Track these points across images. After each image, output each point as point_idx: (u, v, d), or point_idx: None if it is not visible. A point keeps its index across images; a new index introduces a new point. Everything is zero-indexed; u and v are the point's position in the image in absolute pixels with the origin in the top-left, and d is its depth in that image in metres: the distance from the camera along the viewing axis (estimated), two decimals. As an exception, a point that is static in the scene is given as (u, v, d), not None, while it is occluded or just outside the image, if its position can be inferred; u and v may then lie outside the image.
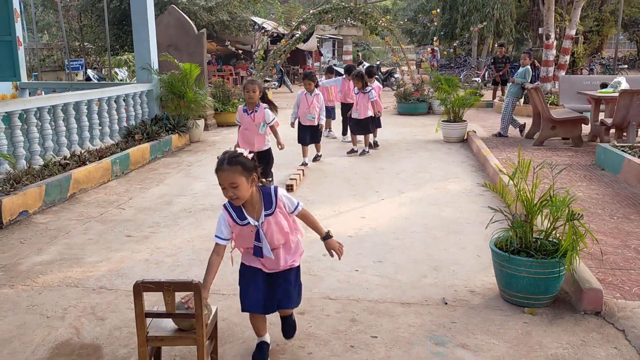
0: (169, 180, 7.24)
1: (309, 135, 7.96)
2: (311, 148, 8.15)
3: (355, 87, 8.76)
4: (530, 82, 10.05)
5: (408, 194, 6.33)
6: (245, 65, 24.45)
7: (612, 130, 8.61)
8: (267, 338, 3.05)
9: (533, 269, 3.40)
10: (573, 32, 14.69)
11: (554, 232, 3.61)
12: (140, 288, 2.41)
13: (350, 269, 4.18)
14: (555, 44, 14.25)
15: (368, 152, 8.79)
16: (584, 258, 4.02)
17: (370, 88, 8.64)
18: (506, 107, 9.95)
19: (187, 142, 9.88)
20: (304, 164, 7.79)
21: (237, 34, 24.43)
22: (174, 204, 6.08)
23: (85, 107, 7.80)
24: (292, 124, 8.14)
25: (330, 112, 10.05)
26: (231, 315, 3.45)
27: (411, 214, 5.58)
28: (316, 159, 8.25)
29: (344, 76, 10.08)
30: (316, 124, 7.94)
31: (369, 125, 8.76)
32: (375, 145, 9.31)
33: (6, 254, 4.58)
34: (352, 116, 8.72)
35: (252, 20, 24.56)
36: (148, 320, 2.55)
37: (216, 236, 2.77)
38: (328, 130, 10.46)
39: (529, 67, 9.87)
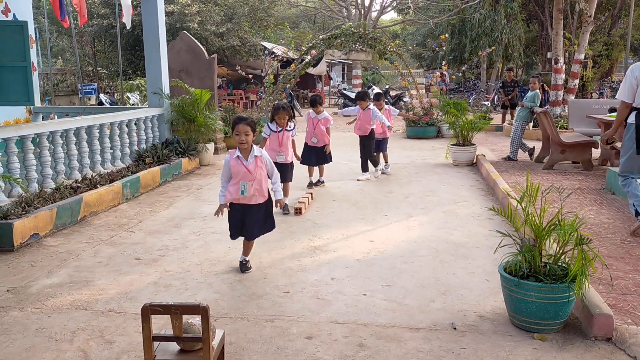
0: (179, 203, 7.28)
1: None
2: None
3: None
4: (540, 106, 10.06)
5: (417, 218, 6.32)
6: (255, 90, 24.69)
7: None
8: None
9: (542, 293, 3.38)
10: (582, 57, 14.74)
11: (563, 256, 3.59)
12: (148, 311, 2.43)
13: (358, 293, 4.17)
14: (564, 68, 14.30)
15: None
16: (594, 283, 3.99)
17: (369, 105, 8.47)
18: (515, 130, 9.96)
19: (197, 166, 9.96)
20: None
21: (248, 58, 24.76)
22: (183, 227, 6.11)
23: (98, 131, 7.91)
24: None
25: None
26: (238, 339, 3.44)
27: (420, 237, 5.57)
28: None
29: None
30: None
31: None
32: (384, 169, 9.25)
33: (17, 277, 4.61)
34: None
35: (263, 45, 24.90)
36: (155, 343, 2.55)
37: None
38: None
39: (538, 91, 9.90)
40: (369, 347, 3.35)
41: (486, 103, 21.08)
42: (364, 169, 8.78)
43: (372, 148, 8.69)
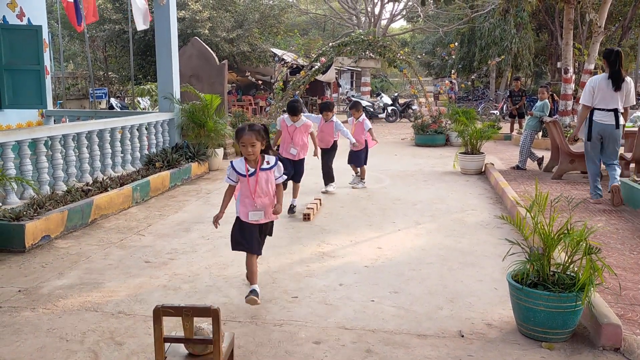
0: (188, 207, 7.33)
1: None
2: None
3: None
4: (549, 116, 10.06)
5: (425, 225, 6.34)
6: (264, 96, 24.82)
7: (632, 165, 8.54)
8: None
9: (551, 302, 3.38)
10: (592, 67, 14.71)
11: (571, 265, 3.59)
12: (160, 312, 2.46)
13: (366, 299, 4.18)
14: (573, 77, 14.28)
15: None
16: (603, 293, 3.99)
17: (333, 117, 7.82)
18: (524, 140, 9.95)
19: (206, 170, 10.02)
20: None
21: (257, 65, 24.89)
22: (192, 231, 6.15)
23: (109, 134, 7.99)
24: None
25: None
26: (247, 343, 3.46)
27: (427, 245, 5.58)
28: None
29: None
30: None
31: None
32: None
33: (28, 278, 4.66)
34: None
35: (272, 52, 25.03)
36: (166, 345, 2.58)
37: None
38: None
39: (547, 100, 9.91)
40: (376, 353, 3.36)
41: (495, 112, 21.06)
42: (327, 180, 8.07)
43: (331, 160, 7.96)
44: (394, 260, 5.09)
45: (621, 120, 7.06)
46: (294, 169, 6.93)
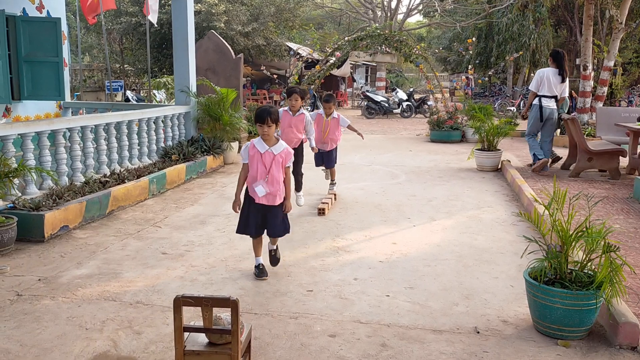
0: (204, 200, 7.38)
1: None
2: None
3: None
4: (567, 113, 9.97)
5: (440, 222, 6.32)
6: (279, 90, 24.84)
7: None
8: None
9: (568, 300, 3.37)
10: (611, 64, 14.54)
11: (589, 263, 3.57)
12: (180, 302, 2.49)
13: (381, 293, 4.20)
14: (592, 75, 14.12)
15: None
16: (620, 291, 3.95)
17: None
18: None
19: (222, 164, 10.07)
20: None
21: (272, 58, 24.90)
22: (208, 223, 6.19)
23: (126, 127, 8.06)
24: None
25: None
26: (263, 334, 3.49)
27: (443, 241, 5.57)
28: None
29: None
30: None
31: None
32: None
33: (47, 267, 4.74)
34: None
35: (287, 46, 25.02)
36: (185, 334, 2.62)
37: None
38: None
39: (567, 97, 9.80)
40: (391, 347, 3.37)
41: (512, 108, 20.88)
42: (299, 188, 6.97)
43: (299, 164, 6.76)
44: (409, 256, 5.10)
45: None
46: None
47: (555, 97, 8.87)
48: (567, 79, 8.99)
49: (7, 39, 9.37)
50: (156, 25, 11.43)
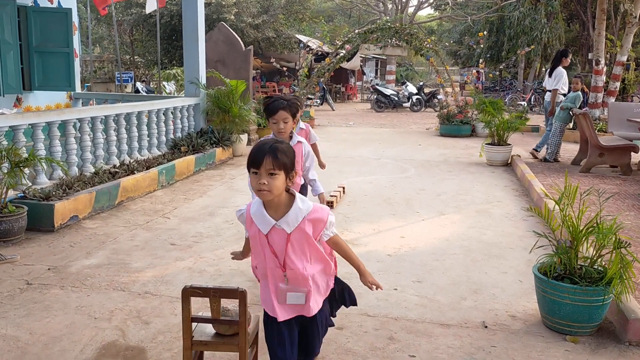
0: (212, 192, 7.39)
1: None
2: None
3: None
4: (579, 108, 9.86)
5: (449, 216, 6.30)
6: (288, 82, 24.82)
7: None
8: None
9: (577, 296, 3.34)
10: (624, 59, 14.38)
11: (599, 259, 3.54)
12: (189, 293, 2.49)
13: (389, 287, 4.19)
14: (605, 70, 13.98)
15: None
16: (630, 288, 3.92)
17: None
18: (554, 132, 9.77)
19: (230, 156, 10.08)
20: None
21: (282, 51, 24.88)
22: (217, 215, 6.21)
23: (136, 118, 8.08)
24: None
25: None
26: (271, 326, 3.49)
27: (451, 235, 5.55)
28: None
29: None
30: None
31: None
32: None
33: (57, 256, 4.77)
34: None
35: (297, 38, 24.97)
36: (193, 325, 2.63)
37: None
38: None
39: (580, 92, 9.65)
40: (399, 340, 3.37)
41: (522, 103, 20.73)
42: None
43: None
44: (417, 250, 5.08)
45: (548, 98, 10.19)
46: None
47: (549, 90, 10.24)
48: (556, 73, 10.06)
49: (18, 29, 9.42)
50: (150, 13, 11.38)
